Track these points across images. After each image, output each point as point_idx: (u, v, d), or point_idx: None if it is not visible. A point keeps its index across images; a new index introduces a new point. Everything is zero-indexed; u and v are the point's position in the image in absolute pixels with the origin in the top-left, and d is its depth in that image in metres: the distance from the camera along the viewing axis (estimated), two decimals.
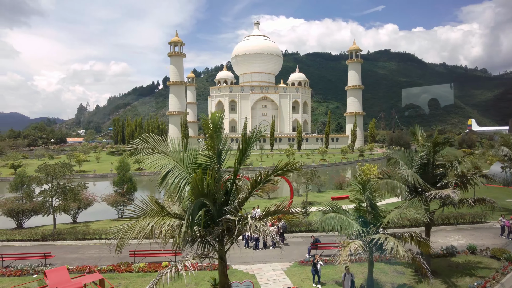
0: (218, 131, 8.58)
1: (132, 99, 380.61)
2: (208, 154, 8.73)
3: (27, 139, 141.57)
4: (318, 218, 13.06)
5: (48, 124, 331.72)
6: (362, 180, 12.68)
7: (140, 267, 17.80)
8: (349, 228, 12.53)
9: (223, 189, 8.53)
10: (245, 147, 9.42)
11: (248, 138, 9.48)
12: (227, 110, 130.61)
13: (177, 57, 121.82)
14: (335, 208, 13.08)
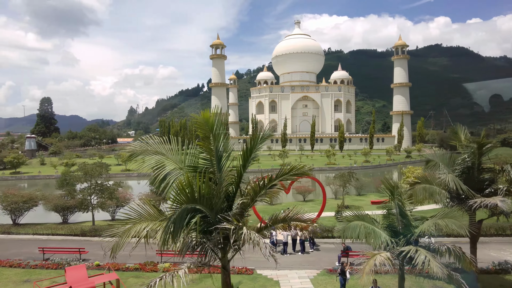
0: (217, 130, 8.03)
1: (179, 101, 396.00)
2: (204, 156, 8.21)
3: (83, 139, 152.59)
4: (341, 226, 12.02)
5: (102, 126, 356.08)
6: (390, 185, 11.43)
7: (165, 267, 17.86)
8: (375, 238, 11.35)
9: (223, 194, 7.97)
10: (251, 148, 8.79)
11: (255, 139, 8.83)
12: (267, 110, 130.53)
13: (218, 59, 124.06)
14: (360, 216, 11.95)
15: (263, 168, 71.40)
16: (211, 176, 8.10)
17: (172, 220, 6.41)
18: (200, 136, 8.18)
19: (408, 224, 11.48)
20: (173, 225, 6.42)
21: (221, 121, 8.31)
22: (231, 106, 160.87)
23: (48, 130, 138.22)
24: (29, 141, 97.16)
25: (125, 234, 7.25)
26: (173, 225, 6.42)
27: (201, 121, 7.67)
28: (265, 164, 76.28)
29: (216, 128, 7.95)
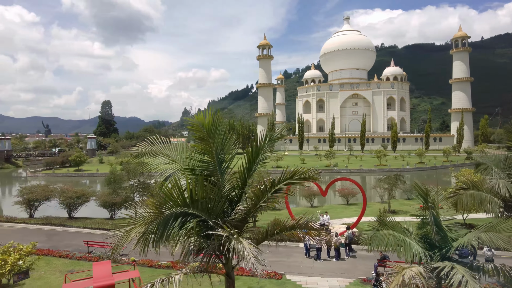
0: (217, 131, 7.63)
1: (229, 102, 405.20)
2: (203, 159, 7.82)
3: (139, 139, 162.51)
4: (368, 234, 10.99)
5: (158, 126, 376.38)
6: (422, 190, 10.17)
7: (193, 266, 17.89)
8: (407, 249, 10.18)
9: (224, 198, 7.55)
10: (257, 150, 8.28)
11: (263, 139, 8.31)
12: (314, 109, 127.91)
13: (265, 59, 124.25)
14: (389, 224, 10.83)
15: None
16: (213, 179, 7.73)
17: (155, 225, 6.13)
18: (194, 138, 7.83)
19: (444, 236, 10.13)
20: (160, 229, 6.10)
21: (222, 121, 7.87)
22: (278, 106, 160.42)
23: (108, 130, 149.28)
24: (90, 141, 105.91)
25: (125, 236, 7.14)
26: (161, 229, 6.12)
27: (196, 123, 7.31)
28: (309, 165, 74.63)
29: (212, 128, 7.53)
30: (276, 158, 73.59)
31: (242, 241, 6.04)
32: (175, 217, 6.45)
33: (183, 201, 6.51)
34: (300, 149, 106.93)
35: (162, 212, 6.25)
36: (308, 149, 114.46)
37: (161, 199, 6.23)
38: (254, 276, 16.82)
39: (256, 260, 5.59)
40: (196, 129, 7.20)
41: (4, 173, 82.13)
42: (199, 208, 6.83)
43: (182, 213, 6.65)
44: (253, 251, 5.78)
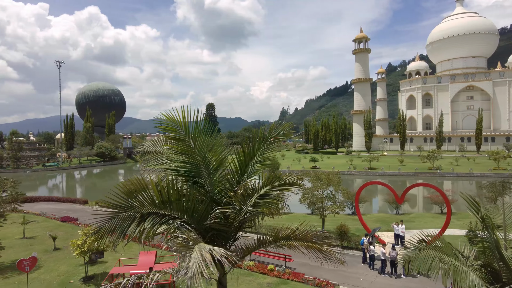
0: (196, 132, 7.30)
1: (326, 100, 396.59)
2: (184, 160, 7.52)
3: (239, 138, 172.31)
4: (408, 253, 9.22)
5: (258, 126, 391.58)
6: (474, 205, 8.01)
7: (248, 265, 17.98)
8: (459, 278, 8.15)
9: (208, 201, 7.21)
10: (252, 152, 7.72)
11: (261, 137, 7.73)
12: (420, 105, 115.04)
13: (361, 53, 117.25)
14: (437, 244, 8.88)
15: (404, 171, 63.44)
16: (200, 181, 7.49)
17: (112, 223, 6.14)
18: (167, 138, 7.64)
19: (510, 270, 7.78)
20: (117, 228, 6.09)
21: (207, 122, 7.55)
22: (379, 102, 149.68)
23: (212, 131, 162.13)
24: None
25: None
26: (118, 228, 6.12)
27: (170, 123, 7.12)
28: (409, 167, 67.48)
29: (194, 129, 7.25)
30: (369, 159, 68.66)
31: (196, 248, 5.64)
32: (139, 216, 6.41)
33: (149, 200, 6.45)
34: (402, 149, 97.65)
35: (122, 209, 6.26)
36: (411, 149, 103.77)
37: (120, 198, 6.27)
38: (306, 284, 15.93)
39: (197, 272, 5.11)
40: (170, 129, 7.07)
41: (127, 167, 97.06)
42: (171, 209, 6.69)
43: (153, 213, 6.59)
44: (199, 259, 5.33)
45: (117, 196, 6.27)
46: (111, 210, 6.16)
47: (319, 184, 24.01)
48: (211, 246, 6.05)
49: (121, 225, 6.09)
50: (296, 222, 27.10)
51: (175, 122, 6.80)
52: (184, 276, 5.26)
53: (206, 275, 5.39)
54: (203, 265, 5.43)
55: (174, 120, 6.80)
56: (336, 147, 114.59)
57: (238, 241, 8.06)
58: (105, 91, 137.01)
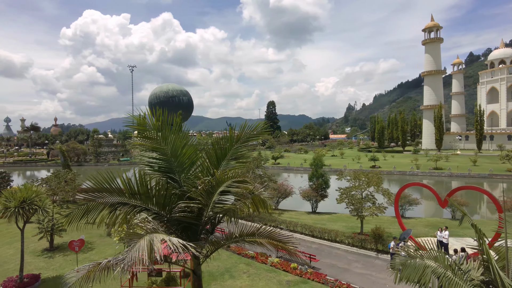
0: (167, 131, 7.67)
1: (397, 94, 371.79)
2: (155, 156, 7.90)
3: (300, 136, 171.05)
4: (398, 261, 8.59)
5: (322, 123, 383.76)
6: (463, 212, 7.15)
7: (273, 262, 18.11)
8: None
9: (175, 196, 7.58)
10: (226, 149, 7.91)
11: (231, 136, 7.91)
12: (504, 98, 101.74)
13: (432, 44, 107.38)
14: (432, 254, 8.16)
15: (475, 172, 57.13)
16: (173, 176, 7.91)
17: (81, 209, 6.80)
18: (137, 136, 8.04)
19: None
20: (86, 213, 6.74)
21: (179, 122, 7.92)
22: (455, 96, 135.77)
23: (272, 128, 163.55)
24: None
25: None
26: (88, 213, 6.77)
27: (142, 122, 7.61)
28: (481, 168, 60.44)
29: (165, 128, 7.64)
30: (436, 158, 62.88)
31: (147, 237, 6.08)
32: (111, 205, 7.03)
33: (117, 191, 7.05)
34: (478, 147, 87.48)
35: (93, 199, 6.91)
36: (491, 148, 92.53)
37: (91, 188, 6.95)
38: (325, 285, 15.57)
39: (137, 258, 5.55)
40: (140, 128, 7.58)
41: None
42: (144, 201, 7.24)
43: (123, 203, 7.18)
44: (143, 247, 5.75)
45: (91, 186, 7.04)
46: (83, 196, 6.92)
47: (357, 184, 23.02)
48: (168, 236, 6.48)
49: (92, 212, 6.80)
50: (339, 222, 26.52)
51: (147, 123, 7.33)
52: (121, 261, 5.76)
53: (146, 261, 5.82)
54: (146, 252, 5.88)
55: (142, 121, 7.33)
56: (403, 145, 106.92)
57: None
58: (174, 92, 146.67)
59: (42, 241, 21.34)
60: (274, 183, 31.19)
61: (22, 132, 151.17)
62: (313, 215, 31.11)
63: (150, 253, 5.99)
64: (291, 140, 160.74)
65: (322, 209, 32.48)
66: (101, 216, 6.88)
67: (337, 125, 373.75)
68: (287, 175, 69.37)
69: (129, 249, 6.04)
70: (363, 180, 22.74)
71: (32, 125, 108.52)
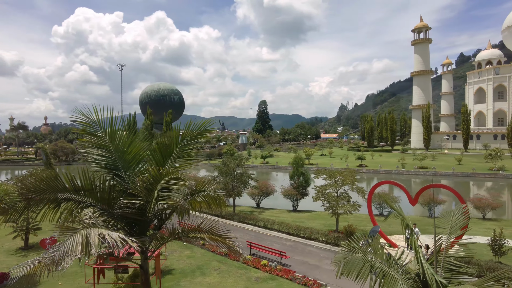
0: (113, 131, 7.85)
1: (389, 94, 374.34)
2: (101, 154, 8.09)
3: (291, 135, 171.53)
4: (340, 256, 8.87)
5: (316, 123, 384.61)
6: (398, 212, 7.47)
7: (245, 259, 18.34)
8: (387, 286, 7.72)
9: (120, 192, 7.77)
10: (171, 147, 8.11)
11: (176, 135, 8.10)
12: (491, 98, 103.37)
13: (421, 44, 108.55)
14: (372, 249, 8.44)
15: (459, 171, 58.02)
16: (119, 173, 8.09)
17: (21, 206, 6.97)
18: (81, 133, 8.17)
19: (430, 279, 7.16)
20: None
21: (130, 123, 8.10)
22: (444, 96, 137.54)
23: (264, 127, 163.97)
24: (241, 137, 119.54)
25: None
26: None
27: (87, 121, 7.76)
28: (465, 167, 61.35)
29: (111, 127, 7.80)
30: (422, 158, 63.68)
31: (84, 231, 6.26)
32: (53, 201, 7.19)
33: (61, 187, 7.21)
34: (465, 147, 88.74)
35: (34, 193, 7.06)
36: (477, 147, 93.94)
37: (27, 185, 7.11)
38: (293, 281, 15.85)
39: (71, 251, 5.75)
40: (86, 125, 7.72)
41: None
42: (87, 197, 7.41)
43: (67, 199, 7.35)
44: (77, 240, 5.94)
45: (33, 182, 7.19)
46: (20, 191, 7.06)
47: (332, 182, 23.37)
48: (107, 231, 6.65)
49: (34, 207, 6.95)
50: (318, 220, 26.79)
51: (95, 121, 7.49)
52: (53, 253, 5.95)
53: (78, 254, 6.02)
54: (80, 246, 6.07)
55: (88, 122, 7.49)
56: (392, 145, 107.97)
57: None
58: (165, 91, 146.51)
59: (17, 240, 21.30)
60: (255, 181, 31.43)
61: (10, 131, 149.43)
62: (293, 213, 31.44)
63: (85, 246, 6.19)
64: (283, 139, 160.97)
65: (303, 207, 32.82)
66: (44, 211, 7.04)
67: (330, 124, 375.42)
68: (276, 174, 69.82)
69: (63, 243, 6.23)
70: (338, 178, 23.09)
71: (19, 124, 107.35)
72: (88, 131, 7.82)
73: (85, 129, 7.82)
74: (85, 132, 7.87)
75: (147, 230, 8.18)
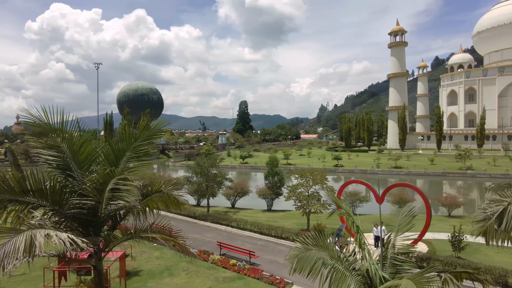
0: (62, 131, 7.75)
1: (368, 96, 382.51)
2: (51, 153, 8.00)
3: (272, 135, 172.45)
4: (294, 253, 9.06)
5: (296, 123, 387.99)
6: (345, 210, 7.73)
7: (214, 259, 18.37)
8: (337, 282, 7.90)
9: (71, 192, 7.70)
10: (123, 148, 8.07)
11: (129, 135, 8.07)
12: (462, 100, 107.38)
13: (398, 47, 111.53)
14: (323, 245, 8.67)
15: (431, 171, 59.95)
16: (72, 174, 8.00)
17: None
18: (30, 133, 8.06)
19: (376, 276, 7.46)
20: None
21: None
22: (420, 97, 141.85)
23: (244, 127, 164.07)
24: (221, 137, 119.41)
25: None
26: None
27: (34, 121, 7.64)
28: (437, 167, 63.48)
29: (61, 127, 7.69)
30: (396, 158, 65.47)
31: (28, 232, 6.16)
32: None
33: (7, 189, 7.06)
34: (438, 147, 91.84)
35: None
36: (450, 148, 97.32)
37: None
38: (260, 280, 16.02)
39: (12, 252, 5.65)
40: (34, 125, 7.60)
41: (160, 162, 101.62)
42: (37, 198, 7.28)
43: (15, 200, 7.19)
44: (20, 241, 5.84)
45: None
46: None
47: (304, 181, 23.74)
48: (55, 231, 6.56)
49: None
50: (291, 219, 27.06)
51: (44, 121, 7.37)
52: None
53: (20, 255, 5.93)
54: (23, 247, 5.97)
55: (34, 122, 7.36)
56: (369, 145, 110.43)
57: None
58: (143, 90, 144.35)
59: None
60: (230, 182, 31.48)
61: None
62: (268, 213, 31.70)
63: (29, 248, 6.10)
64: (263, 139, 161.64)
65: (278, 207, 33.14)
66: None
67: (310, 125, 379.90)
68: (254, 174, 70.01)
69: (4, 244, 6.12)
70: (309, 178, 23.48)
71: None
72: (37, 131, 7.68)
73: (35, 130, 7.68)
74: (33, 132, 7.72)
75: (101, 231, 8.12)
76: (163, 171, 76.71)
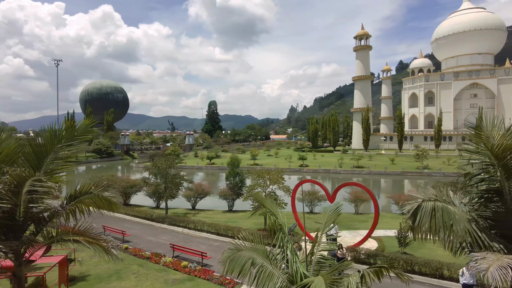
0: None
1: (336, 98, 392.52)
2: None
3: (242, 136, 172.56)
4: (227, 254, 9.05)
5: (267, 124, 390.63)
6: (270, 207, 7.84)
7: (166, 262, 18.04)
8: (264, 280, 7.93)
9: None
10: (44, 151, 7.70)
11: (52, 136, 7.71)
12: (422, 103, 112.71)
13: (362, 51, 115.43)
14: (254, 246, 8.69)
15: (390, 170, 62.37)
16: None
17: None
18: None
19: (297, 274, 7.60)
20: None
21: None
22: (384, 100, 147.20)
23: (214, 128, 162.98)
24: (188, 137, 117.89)
25: None
26: None
27: None
28: (396, 166, 66.19)
29: None
30: (358, 158, 67.57)
31: None
32: None
33: None
34: (399, 147, 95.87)
35: None
36: (410, 148, 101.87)
37: None
38: (210, 281, 15.91)
39: None
40: None
41: (124, 163, 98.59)
42: None
43: None
44: None
45: None
46: None
47: (261, 182, 23.91)
48: None
49: None
50: (252, 219, 26.77)
51: None
52: None
53: None
54: None
55: None
56: (334, 145, 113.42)
57: None
58: (108, 89, 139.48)
59: None
60: (189, 183, 31.08)
61: None
62: (228, 213, 31.61)
63: None
64: (233, 140, 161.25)
65: (240, 207, 33.11)
66: None
67: (280, 125, 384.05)
68: (222, 175, 69.62)
69: None
70: (266, 177, 23.68)
71: None
72: None
73: None
74: None
75: (22, 235, 7.70)
76: (126, 172, 74.48)
